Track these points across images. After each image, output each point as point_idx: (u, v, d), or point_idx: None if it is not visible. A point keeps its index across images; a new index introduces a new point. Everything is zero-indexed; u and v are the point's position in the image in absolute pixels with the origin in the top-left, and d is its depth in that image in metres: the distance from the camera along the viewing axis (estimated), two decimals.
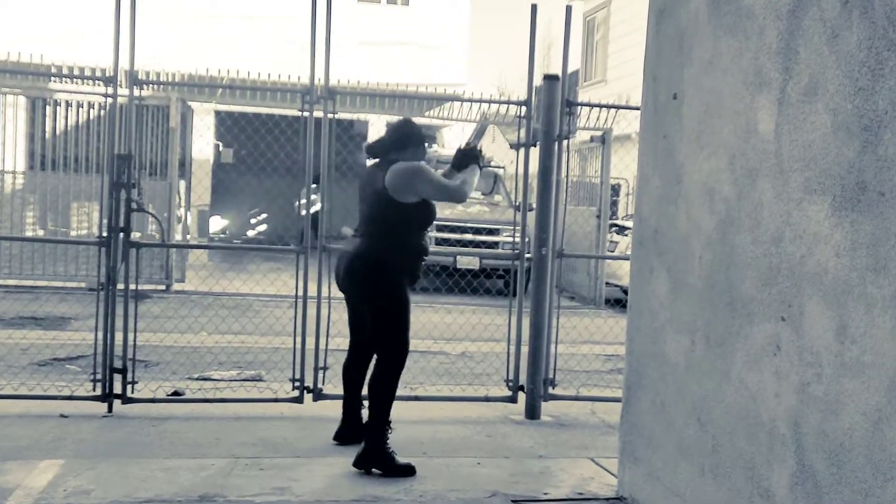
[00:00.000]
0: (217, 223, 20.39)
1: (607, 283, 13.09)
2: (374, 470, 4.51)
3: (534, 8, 5.84)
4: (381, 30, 18.26)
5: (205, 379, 6.60)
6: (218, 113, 16.41)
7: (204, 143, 15.00)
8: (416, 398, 5.88)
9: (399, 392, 5.35)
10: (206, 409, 5.58)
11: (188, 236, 13.07)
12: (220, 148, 17.45)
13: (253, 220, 23.40)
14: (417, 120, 5.12)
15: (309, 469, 4.56)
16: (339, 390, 5.80)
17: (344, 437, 5.02)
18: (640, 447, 4.17)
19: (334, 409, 5.64)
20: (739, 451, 3.27)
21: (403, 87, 14.76)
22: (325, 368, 5.74)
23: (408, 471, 4.56)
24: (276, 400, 5.69)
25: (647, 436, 4.10)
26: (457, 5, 19.30)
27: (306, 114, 5.68)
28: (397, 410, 5.45)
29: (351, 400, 5.06)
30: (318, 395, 5.69)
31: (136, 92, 5.60)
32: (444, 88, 17.14)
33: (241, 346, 7.89)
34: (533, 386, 5.93)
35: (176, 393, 5.88)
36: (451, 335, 8.44)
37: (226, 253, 16.80)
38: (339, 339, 5.94)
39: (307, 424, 5.36)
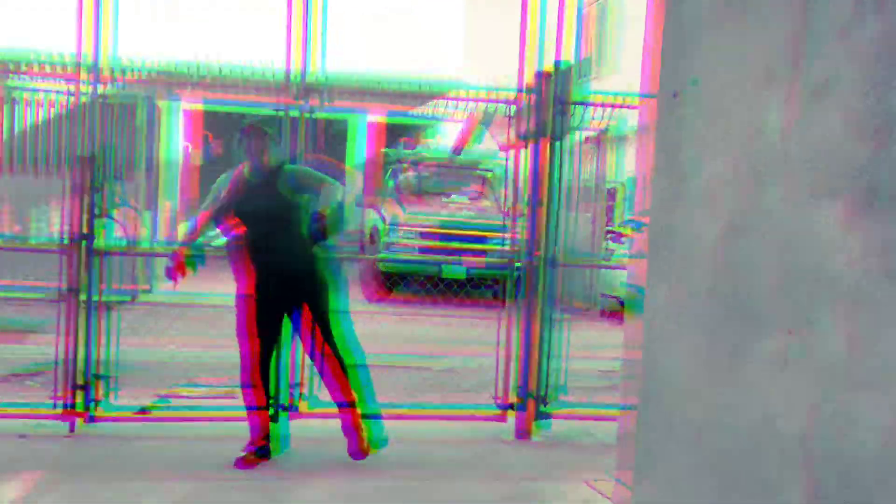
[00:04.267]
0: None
1: (603, 295, 13.09)
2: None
3: (524, 2, 5.83)
4: (370, 18, 18.23)
5: (173, 396, 6.53)
6: (193, 111, 16.33)
7: (174, 143, 14.93)
8: (404, 416, 5.86)
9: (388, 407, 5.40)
10: (176, 427, 5.53)
11: (155, 242, 12.98)
12: (190, 149, 17.38)
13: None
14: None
15: (289, 490, 4.53)
16: (317, 410, 5.77)
17: None
18: (643, 462, 4.14)
19: (312, 427, 5.61)
20: (750, 467, 3.26)
21: (396, 81, 14.67)
22: (299, 385, 5.69)
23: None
24: (244, 418, 5.62)
25: (653, 450, 4.07)
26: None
27: (283, 112, 5.68)
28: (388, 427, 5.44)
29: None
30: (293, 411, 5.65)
31: (102, 88, 5.57)
32: (438, 81, 17.06)
33: (213, 356, 7.82)
34: (525, 402, 5.90)
35: (144, 410, 5.82)
36: (440, 348, 8.44)
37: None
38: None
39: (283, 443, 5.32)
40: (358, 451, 5.12)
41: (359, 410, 5.17)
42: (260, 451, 5.02)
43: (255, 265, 5.09)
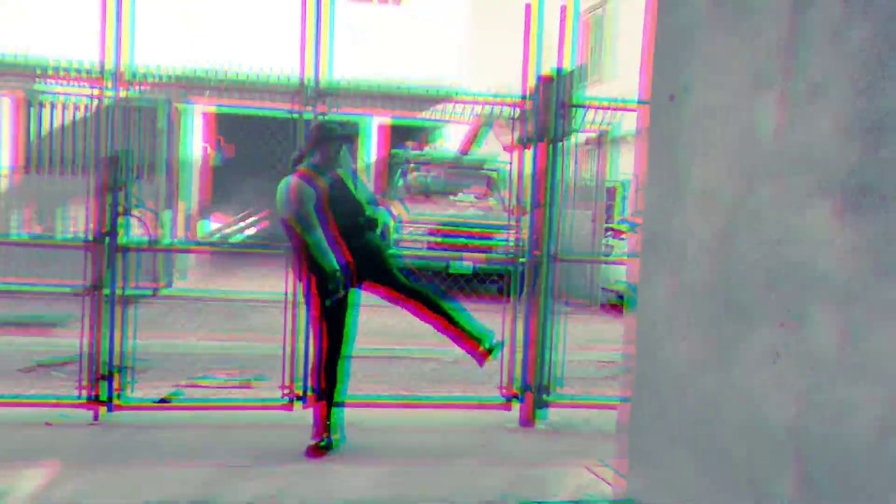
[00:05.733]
0: (206, 226, 20.29)
1: (603, 289, 13.09)
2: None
3: (528, 8, 5.83)
4: (377, 28, 18.21)
5: (192, 386, 6.55)
6: (210, 114, 16.37)
7: (194, 145, 14.98)
8: (410, 405, 5.87)
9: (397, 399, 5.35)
10: (195, 416, 5.55)
11: (177, 238, 13.01)
12: (209, 150, 17.40)
13: (243, 223, 23.28)
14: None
15: (300, 476, 4.54)
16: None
17: None
18: (640, 452, 4.15)
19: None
20: (741, 457, 3.26)
21: (404, 87, 14.64)
22: (307, 376, 5.69)
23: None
24: (265, 407, 5.64)
25: (648, 440, 4.08)
26: (454, 4, 19.24)
27: (296, 115, 5.69)
28: (392, 416, 5.44)
29: None
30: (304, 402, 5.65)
31: (124, 93, 5.58)
32: (442, 86, 17.05)
33: (230, 349, 7.84)
34: (528, 392, 5.90)
35: (163, 400, 5.83)
36: (448, 341, 8.41)
37: (216, 255, 16.71)
38: None
39: (301, 431, 5.32)
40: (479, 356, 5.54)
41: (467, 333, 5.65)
42: (326, 442, 5.04)
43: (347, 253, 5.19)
